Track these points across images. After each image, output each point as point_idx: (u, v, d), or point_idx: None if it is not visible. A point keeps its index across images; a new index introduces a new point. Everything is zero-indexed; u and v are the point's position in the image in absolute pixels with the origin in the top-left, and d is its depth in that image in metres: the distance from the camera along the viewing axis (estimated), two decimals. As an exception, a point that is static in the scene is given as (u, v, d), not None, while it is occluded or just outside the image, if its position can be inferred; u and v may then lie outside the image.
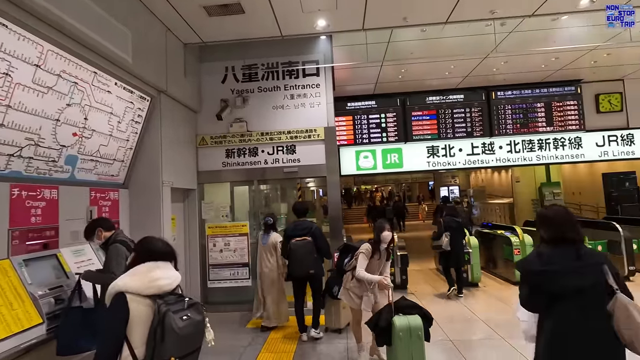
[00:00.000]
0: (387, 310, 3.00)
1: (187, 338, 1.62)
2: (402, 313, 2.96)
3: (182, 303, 1.67)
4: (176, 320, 1.58)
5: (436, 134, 9.08)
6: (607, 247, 6.34)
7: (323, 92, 5.71)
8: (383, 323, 2.93)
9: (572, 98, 8.91)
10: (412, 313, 2.97)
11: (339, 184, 5.77)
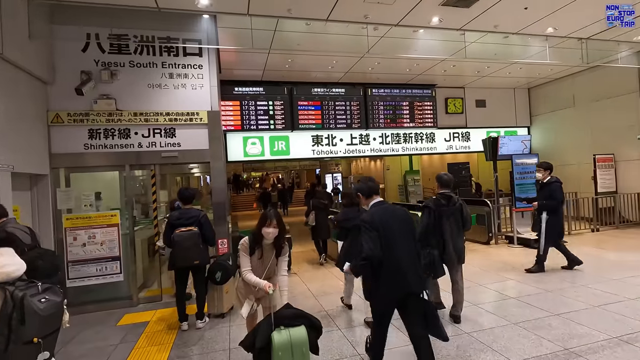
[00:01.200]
0: (266, 324, 2.42)
1: (49, 319, 1.78)
2: (283, 325, 2.39)
3: (35, 287, 1.78)
4: (36, 302, 1.71)
5: (320, 124, 9.68)
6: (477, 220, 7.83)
7: (207, 73, 5.47)
8: (260, 343, 2.35)
9: (428, 100, 10.62)
10: (295, 324, 2.42)
11: (224, 170, 5.68)
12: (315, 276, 6.08)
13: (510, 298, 4.52)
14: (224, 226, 5.31)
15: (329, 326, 3.93)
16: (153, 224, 5.34)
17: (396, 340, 3.43)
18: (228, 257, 4.51)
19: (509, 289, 4.86)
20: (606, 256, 6.26)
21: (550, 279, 5.12)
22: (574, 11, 5.95)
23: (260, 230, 2.83)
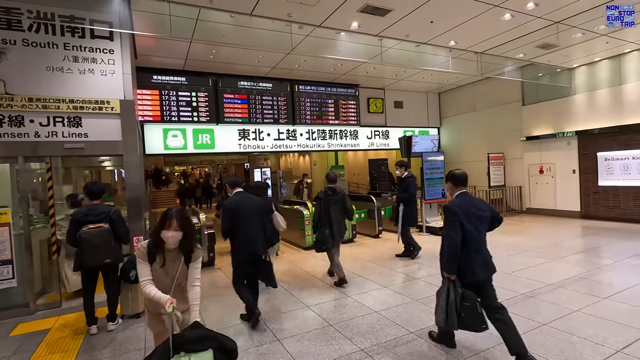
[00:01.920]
0: (162, 349, 2.00)
1: None
2: (184, 351, 2.00)
3: None
4: None
5: (247, 117, 9.59)
6: (367, 214, 8.49)
7: (119, 59, 5.08)
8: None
9: (352, 99, 11.20)
10: (200, 349, 2.03)
11: (139, 163, 5.34)
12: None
13: (415, 278, 5.12)
14: (140, 223, 5.02)
15: (251, 316, 4.04)
16: (50, 223, 4.81)
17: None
18: (144, 254, 4.30)
19: (415, 270, 5.49)
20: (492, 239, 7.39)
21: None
22: (470, 29, 6.84)
23: (159, 233, 2.30)
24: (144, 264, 2.33)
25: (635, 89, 8.42)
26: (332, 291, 4.80)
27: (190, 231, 2.36)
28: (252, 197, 4.01)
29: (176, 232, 2.29)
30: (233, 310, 4.27)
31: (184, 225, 2.32)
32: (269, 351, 3.26)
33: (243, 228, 3.75)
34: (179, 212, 2.35)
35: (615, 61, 8.76)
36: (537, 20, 6.56)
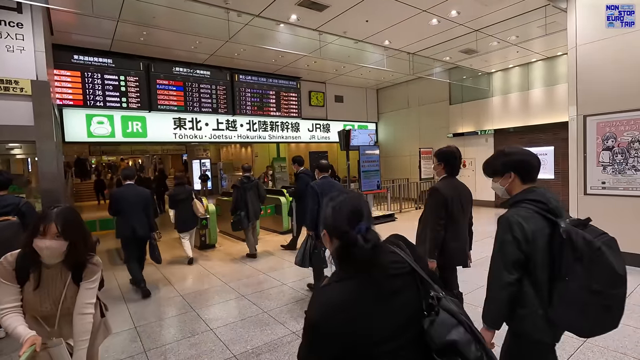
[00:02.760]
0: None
1: None
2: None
3: None
4: None
5: (183, 106, 9.18)
6: (275, 210, 8.30)
7: (29, 35, 4.55)
8: None
9: (294, 91, 11.26)
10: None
11: (56, 151, 4.87)
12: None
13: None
14: (57, 216, 4.60)
15: (184, 309, 3.98)
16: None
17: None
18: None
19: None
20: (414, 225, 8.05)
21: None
22: (403, 30, 7.28)
23: (30, 242, 1.65)
24: (8, 285, 1.67)
25: (539, 94, 9.66)
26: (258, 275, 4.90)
27: (79, 239, 1.72)
28: (138, 188, 4.71)
29: (56, 242, 1.64)
30: (165, 305, 4.16)
31: (69, 231, 1.66)
32: (201, 341, 3.26)
33: (125, 213, 4.47)
34: (62, 213, 1.68)
35: (524, 68, 9.95)
36: (459, 27, 7.20)
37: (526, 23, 7.02)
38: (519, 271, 1.53)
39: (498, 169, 1.80)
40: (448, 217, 2.73)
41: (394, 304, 1.02)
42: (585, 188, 5.15)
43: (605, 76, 4.96)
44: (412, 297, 1.05)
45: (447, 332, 0.98)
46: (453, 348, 0.97)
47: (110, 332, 2.11)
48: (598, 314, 1.39)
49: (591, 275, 1.37)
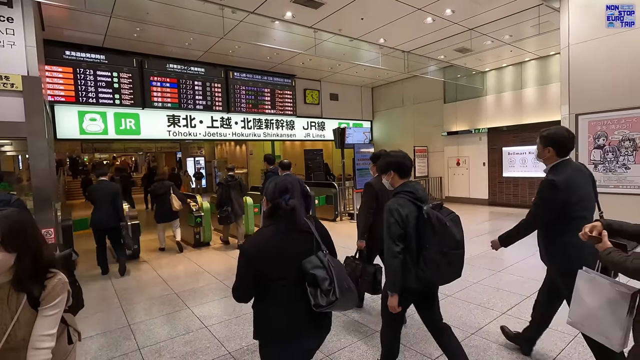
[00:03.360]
0: None
1: None
2: None
3: None
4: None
5: (177, 103, 9.11)
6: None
7: (20, 29, 4.48)
8: None
9: (289, 89, 11.23)
10: None
11: (48, 148, 4.81)
12: (169, 262, 5.88)
13: (343, 262, 5.43)
14: (49, 214, 4.55)
15: (179, 306, 3.97)
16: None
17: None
18: (54, 247, 3.94)
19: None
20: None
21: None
22: (398, 28, 7.30)
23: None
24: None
25: (532, 93, 9.75)
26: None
27: (27, 251, 1.35)
28: (108, 183, 5.41)
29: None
30: (159, 303, 4.14)
31: (14, 241, 1.32)
32: (196, 338, 3.26)
33: (96, 206, 5.18)
34: (5, 218, 1.33)
35: (517, 68, 10.03)
36: (454, 25, 7.23)
37: (520, 22, 7.08)
38: (402, 243, 2.06)
39: (383, 168, 2.31)
40: (378, 207, 3.19)
41: (295, 247, 1.63)
42: (576, 186, 5.22)
43: (597, 75, 5.02)
44: (308, 247, 1.64)
45: (312, 268, 1.56)
46: (314, 279, 1.55)
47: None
48: (447, 268, 2.05)
49: (441, 242, 1.99)
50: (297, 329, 1.63)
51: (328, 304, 1.54)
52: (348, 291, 1.59)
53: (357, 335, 3.17)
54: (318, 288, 1.55)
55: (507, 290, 4.05)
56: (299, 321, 1.62)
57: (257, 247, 1.60)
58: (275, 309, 1.61)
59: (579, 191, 2.26)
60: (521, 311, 3.50)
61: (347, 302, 1.61)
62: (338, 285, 1.55)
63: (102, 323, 3.64)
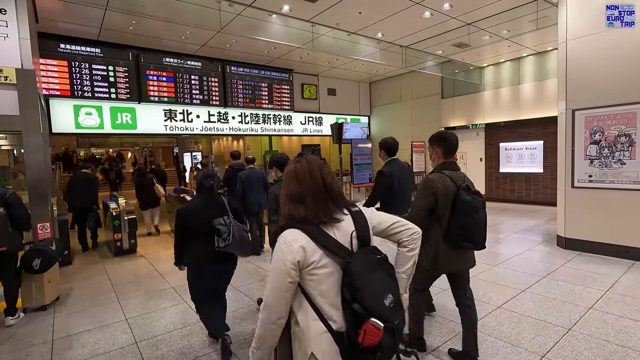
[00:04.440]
0: None
1: None
2: None
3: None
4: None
5: (173, 97, 9.05)
6: None
7: (13, 21, 4.42)
8: None
9: (286, 83, 11.17)
10: None
11: (43, 142, 4.77)
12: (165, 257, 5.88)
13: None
14: (45, 208, 4.51)
15: (176, 300, 3.98)
16: None
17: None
18: (50, 242, 3.94)
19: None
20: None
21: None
22: (396, 23, 7.26)
23: None
24: None
25: (530, 89, 9.75)
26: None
27: None
28: (87, 174, 6.41)
29: None
30: (156, 297, 4.14)
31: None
32: (193, 331, 3.26)
33: (72, 190, 6.23)
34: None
35: (515, 63, 10.02)
36: (452, 20, 7.20)
37: (518, 17, 7.06)
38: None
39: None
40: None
41: (211, 212, 2.71)
42: (572, 181, 5.25)
43: (594, 71, 5.03)
44: (219, 213, 2.72)
45: (217, 224, 2.64)
46: (217, 231, 2.63)
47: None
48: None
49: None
50: (208, 260, 2.74)
51: (224, 247, 2.63)
52: (239, 241, 2.68)
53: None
54: (220, 237, 2.64)
55: (503, 285, 4.08)
56: (209, 256, 2.72)
57: (187, 210, 2.78)
58: (196, 249, 2.74)
59: (399, 178, 3.54)
60: (516, 305, 3.54)
61: (238, 248, 2.72)
62: (232, 237, 2.63)
63: (99, 317, 3.64)
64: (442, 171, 2.44)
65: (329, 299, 1.23)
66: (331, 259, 1.23)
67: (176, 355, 2.88)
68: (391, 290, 1.26)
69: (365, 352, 1.17)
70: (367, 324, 1.13)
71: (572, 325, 3.10)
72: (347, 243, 1.26)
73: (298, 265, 1.20)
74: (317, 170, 1.33)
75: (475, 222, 2.33)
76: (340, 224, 1.29)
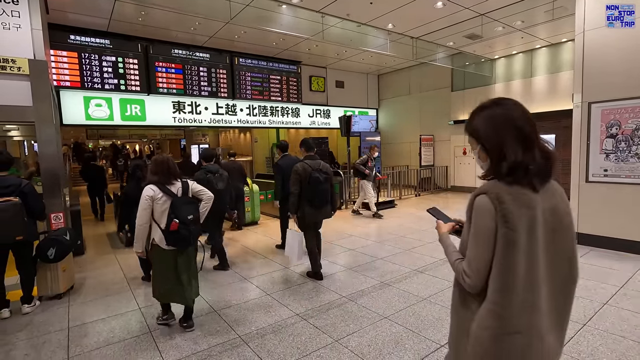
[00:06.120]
0: None
1: None
2: None
3: None
4: None
5: (182, 89, 9.04)
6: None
7: (25, 11, 4.43)
8: None
9: (294, 76, 11.09)
10: None
11: (56, 133, 4.81)
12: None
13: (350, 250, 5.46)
14: (58, 198, 4.58)
15: (187, 291, 4.01)
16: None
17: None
18: (64, 231, 3.99)
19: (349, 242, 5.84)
20: (421, 214, 8.08)
21: (377, 232, 6.36)
22: (407, 13, 7.14)
23: None
24: None
25: (542, 81, 9.57)
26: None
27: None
28: (96, 166, 7.95)
29: None
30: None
31: None
32: (205, 321, 3.29)
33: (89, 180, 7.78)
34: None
35: (527, 55, 9.82)
36: (465, 10, 7.06)
37: (533, 7, 6.89)
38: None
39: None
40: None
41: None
42: (587, 175, 5.16)
43: (612, 62, 4.90)
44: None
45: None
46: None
47: None
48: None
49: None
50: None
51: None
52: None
53: (365, 321, 3.20)
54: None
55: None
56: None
57: (128, 191, 4.20)
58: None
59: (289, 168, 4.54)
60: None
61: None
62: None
63: (113, 306, 3.70)
64: (305, 161, 4.13)
65: (163, 215, 2.91)
66: (166, 198, 2.93)
67: (190, 344, 2.91)
68: (192, 213, 2.95)
69: (172, 233, 2.85)
70: (173, 222, 2.83)
71: (587, 321, 3.06)
72: (176, 192, 2.99)
73: (151, 198, 2.89)
74: (168, 160, 3.06)
75: (318, 191, 3.98)
76: (174, 185, 3.03)
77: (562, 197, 1.24)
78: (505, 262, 1.12)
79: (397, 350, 2.72)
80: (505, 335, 1.14)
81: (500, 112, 1.27)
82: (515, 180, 1.16)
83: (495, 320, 1.14)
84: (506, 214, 1.12)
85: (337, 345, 2.83)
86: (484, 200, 1.19)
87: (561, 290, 1.23)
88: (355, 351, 2.73)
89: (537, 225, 1.15)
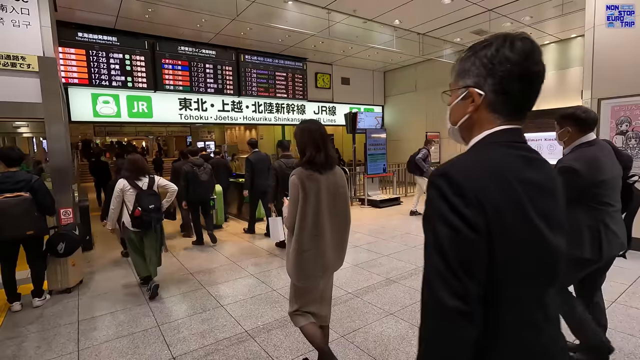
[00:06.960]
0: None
1: None
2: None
3: None
4: None
5: (188, 86, 9.08)
6: None
7: (34, 9, 4.46)
8: None
9: (300, 72, 11.09)
10: None
11: (65, 130, 4.85)
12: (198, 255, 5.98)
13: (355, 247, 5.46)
14: (67, 194, 4.62)
15: (194, 286, 4.04)
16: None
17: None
18: (73, 227, 4.04)
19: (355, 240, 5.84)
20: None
21: (382, 229, 6.36)
22: (414, 9, 7.09)
23: None
24: None
25: (551, 77, 9.44)
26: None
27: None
28: (103, 162, 8.55)
29: None
30: (176, 282, 4.22)
31: None
32: (212, 316, 3.33)
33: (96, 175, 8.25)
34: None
35: (536, 51, 9.69)
36: (473, 6, 6.99)
37: (542, 2, 6.81)
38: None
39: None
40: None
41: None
42: (596, 173, 5.09)
43: (622, 58, 4.82)
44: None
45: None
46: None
47: None
48: None
49: None
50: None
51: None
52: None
53: (371, 317, 3.20)
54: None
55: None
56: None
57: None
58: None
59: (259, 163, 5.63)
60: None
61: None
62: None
63: (122, 300, 3.75)
64: (281, 160, 4.76)
65: (130, 204, 3.64)
66: (132, 190, 3.67)
67: (197, 338, 2.94)
68: (153, 203, 3.65)
69: (136, 218, 3.60)
70: (137, 210, 3.59)
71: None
72: (142, 186, 3.71)
73: (121, 190, 3.68)
74: (139, 160, 3.83)
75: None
76: (142, 180, 3.75)
77: (341, 177, 2.19)
78: (301, 212, 2.04)
79: (403, 346, 2.73)
80: (302, 251, 2.07)
81: (306, 127, 2.13)
82: (310, 167, 2.07)
83: (296, 243, 2.07)
84: (304, 185, 2.03)
85: (342, 340, 2.84)
86: (293, 178, 2.06)
87: (338, 228, 2.19)
88: (361, 347, 2.74)
89: (322, 192, 2.08)
